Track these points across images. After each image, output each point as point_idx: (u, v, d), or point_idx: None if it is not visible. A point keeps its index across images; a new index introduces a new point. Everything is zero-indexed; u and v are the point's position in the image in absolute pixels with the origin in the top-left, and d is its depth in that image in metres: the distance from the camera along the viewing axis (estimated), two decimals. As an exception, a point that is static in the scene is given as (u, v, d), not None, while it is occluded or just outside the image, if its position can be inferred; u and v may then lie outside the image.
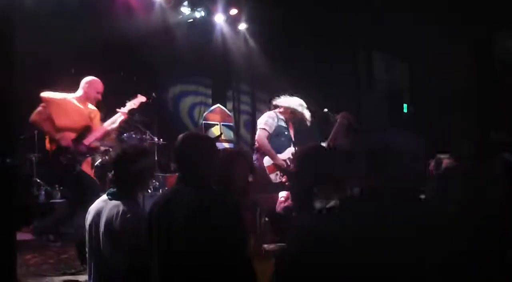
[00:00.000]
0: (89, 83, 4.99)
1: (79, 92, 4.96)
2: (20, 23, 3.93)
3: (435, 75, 7.97)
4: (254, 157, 4.95)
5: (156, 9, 7.29)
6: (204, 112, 8.59)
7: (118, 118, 5.01)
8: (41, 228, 5.11)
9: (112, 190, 2.67)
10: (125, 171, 2.65)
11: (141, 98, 5.22)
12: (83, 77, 5.03)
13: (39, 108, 4.79)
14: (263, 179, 4.80)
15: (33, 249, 4.64)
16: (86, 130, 4.85)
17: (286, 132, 5.12)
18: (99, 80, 5.06)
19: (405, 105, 9.18)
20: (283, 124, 5.12)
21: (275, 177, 4.93)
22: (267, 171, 4.89)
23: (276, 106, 5.22)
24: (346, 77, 8.73)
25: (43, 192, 6.21)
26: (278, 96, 5.25)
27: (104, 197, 2.70)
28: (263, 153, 4.96)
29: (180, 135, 2.37)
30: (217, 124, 8.45)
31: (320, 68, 8.27)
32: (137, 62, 7.20)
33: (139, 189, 2.82)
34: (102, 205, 2.66)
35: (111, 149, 7.03)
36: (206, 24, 8.05)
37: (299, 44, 8.10)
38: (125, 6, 6.79)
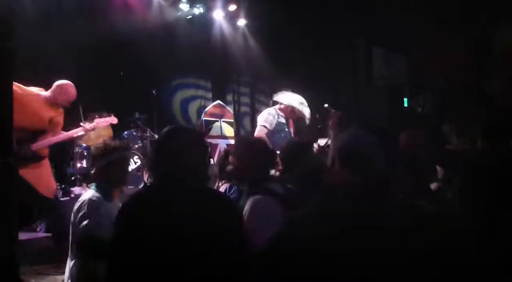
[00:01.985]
0: (61, 87, 4.60)
1: (48, 93, 4.60)
2: (19, 23, 3.92)
3: (435, 69, 7.95)
4: None
5: (154, 6, 7.28)
6: (204, 108, 8.59)
7: (78, 131, 4.65)
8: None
9: (91, 183, 2.97)
10: (99, 163, 2.90)
11: (112, 120, 4.93)
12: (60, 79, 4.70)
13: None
14: None
15: (35, 248, 4.65)
16: (38, 134, 4.48)
17: (286, 129, 5.14)
18: (73, 87, 4.66)
19: (405, 100, 9.17)
20: (283, 121, 5.13)
21: (273, 172, 4.94)
22: None
23: (276, 102, 5.23)
24: (346, 73, 8.73)
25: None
26: (280, 91, 5.25)
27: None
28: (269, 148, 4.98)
29: (165, 129, 2.18)
30: (217, 121, 8.44)
31: (319, 63, 8.25)
32: (136, 59, 7.18)
33: (113, 181, 2.93)
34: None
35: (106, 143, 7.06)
36: (205, 21, 8.04)
37: (298, 40, 8.09)
38: (124, 3, 6.78)
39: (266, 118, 5.08)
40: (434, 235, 1.53)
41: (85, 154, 6.27)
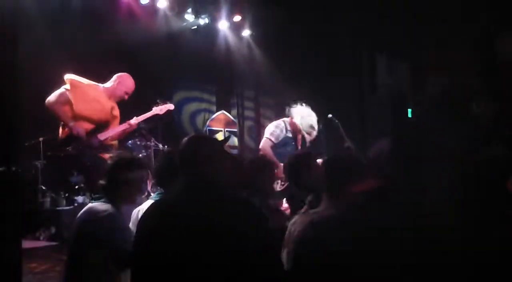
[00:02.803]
0: (121, 78, 4.71)
1: (109, 84, 4.66)
2: (25, 31, 3.95)
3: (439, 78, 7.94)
4: None
5: (160, 16, 7.32)
6: (208, 118, 8.60)
7: (125, 126, 4.81)
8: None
9: (96, 195, 2.74)
10: (116, 178, 2.68)
11: (169, 106, 5.03)
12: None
13: (61, 90, 4.42)
14: None
15: (39, 257, 4.63)
16: (104, 125, 4.58)
17: (292, 143, 5.14)
18: (131, 79, 4.77)
19: (409, 110, 9.15)
20: (290, 135, 5.12)
21: (276, 185, 4.94)
22: None
23: (288, 115, 5.19)
24: (350, 82, 8.73)
25: (48, 199, 6.20)
26: (296, 104, 5.18)
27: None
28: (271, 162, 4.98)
29: (186, 137, 2.16)
30: (221, 131, 8.45)
31: (324, 73, 8.27)
32: (141, 69, 7.21)
33: (123, 198, 2.74)
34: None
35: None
36: (210, 31, 8.07)
37: (303, 50, 8.11)
38: (129, 13, 6.83)
39: (273, 132, 5.08)
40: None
41: (88, 163, 6.27)
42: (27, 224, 5.30)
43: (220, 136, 8.32)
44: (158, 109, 4.88)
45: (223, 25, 8.06)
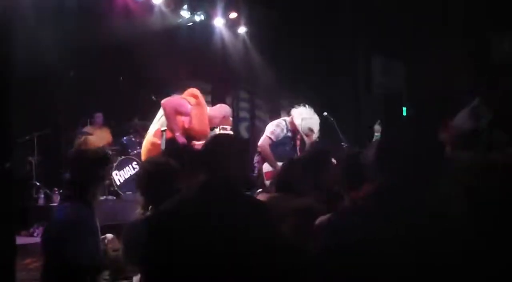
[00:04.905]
0: (227, 113, 5.04)
1: (213, 112, 4.90)
2: (20, 27, 3.93)
3: (434, 78, 7.98)
4: (255, 159, 5.00)
5: (155, 13, 7.30)
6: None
7: None
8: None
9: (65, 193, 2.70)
10: (94, 174, 2.58)
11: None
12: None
13: (187, 104, 4.61)
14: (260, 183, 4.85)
15: (33, 253, 4.62)
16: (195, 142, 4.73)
17: (292, 142, 5.15)
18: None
19: (404, 109, 9.19)
20: (290, 134, 5.13)
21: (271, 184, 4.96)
22: (264, 176, 4.91)
23: (290, 115, 5.20)
24: (345, 80, 8.75)
25: (42, 195, 6.20)
26: (299, 105, 5.18)
27: None
28: (264, 158, 4.99)
29: (212, 136, 2.18)
30: (216, 128, 8.44)
31: (319, 71, 8.28)
32: (136, 65, 7.20)
33: (90, 194, 2.62)
34: None
35: (109, 152, 7.07)
36: (205, 28, 8.06)
37: (298, 48, 8.12)
38: (125, 9, 6.80)
39: (273, 131, 5.08)
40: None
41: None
42: (21, 220, 5.29)
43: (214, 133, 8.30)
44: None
45: (218, 22, 8.05)
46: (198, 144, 4.71)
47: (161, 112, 4.78)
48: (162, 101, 4.70)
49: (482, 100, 2.79)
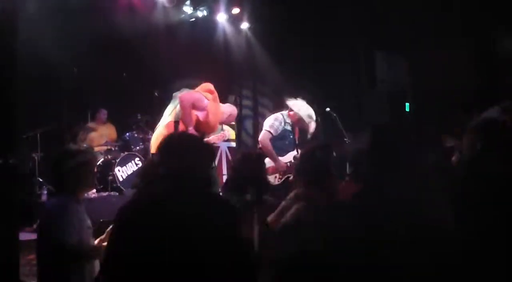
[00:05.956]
0: (233, 112, 5.14)
1: (223, 109, 5.00)
2: (24, 23, 3.93)
3: (437, 75, 7.95)
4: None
5: (158, 8, 7.28)
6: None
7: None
8: None
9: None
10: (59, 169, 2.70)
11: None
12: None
13: (203, 98, 4.71)
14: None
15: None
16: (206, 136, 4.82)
17: (291, 136, 5.15)
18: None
19: (407, 105, 9.16)
20: (289, 128, 5.14)
21: (274, 179, 4.96)
22: (267, 171, 4.91)
23: (287, 107, 5.22)
24: (348, 76, 8.73)
25: (45, 191, 6.21)
26: (294, 97, 5.22)
27: None
28: (264, 154, 4.99)
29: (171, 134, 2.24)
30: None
31: (322, 67, 8.26)
32: (138, 61, 7.20)
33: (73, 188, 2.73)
34: None
35: (113, 148, 7.09)
36: (208, 23, 8.04)
37: (301, 43, 8.09)
38: (127, 5, 6.79)
39: (272, 124, 5.09)
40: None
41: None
42: (24, 216, 5.30)
43: (218, 129, 8.30)
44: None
45: (221, 18, 8.03)
46: (210, 138, 4.83)
47: (172, 106, 4.81)
48: (180, 95, 4.74)
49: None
